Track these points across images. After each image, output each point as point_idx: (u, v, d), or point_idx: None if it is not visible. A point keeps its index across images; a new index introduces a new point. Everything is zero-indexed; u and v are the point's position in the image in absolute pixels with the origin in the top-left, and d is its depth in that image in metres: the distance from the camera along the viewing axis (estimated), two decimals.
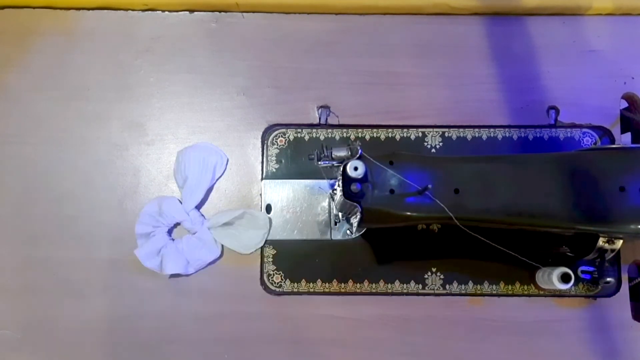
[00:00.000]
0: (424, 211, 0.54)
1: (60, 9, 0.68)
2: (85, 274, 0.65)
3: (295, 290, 0.65)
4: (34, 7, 0.68)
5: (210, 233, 0.64)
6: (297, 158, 0.66)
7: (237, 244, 0.64)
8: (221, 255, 0.65)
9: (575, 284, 0.62)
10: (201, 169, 0.64)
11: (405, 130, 0.67)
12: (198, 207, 0.65)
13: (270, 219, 0.65)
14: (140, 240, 0.64)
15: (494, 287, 0.65)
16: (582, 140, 0.66)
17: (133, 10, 0.69)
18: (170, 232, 0.66)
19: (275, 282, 0.65)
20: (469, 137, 0.67)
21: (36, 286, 0.65)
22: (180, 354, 0.64)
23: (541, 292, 0.64)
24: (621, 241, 0.56)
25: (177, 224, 0.66)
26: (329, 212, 0.65)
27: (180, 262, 0.63)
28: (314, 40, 0.68)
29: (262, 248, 0.65)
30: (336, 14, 0.68)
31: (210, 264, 0.65)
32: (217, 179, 0.66)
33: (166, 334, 0.64)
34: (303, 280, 0.65)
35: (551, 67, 0.68)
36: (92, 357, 0.64)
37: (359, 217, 0.54)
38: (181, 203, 0.65)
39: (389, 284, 0.65)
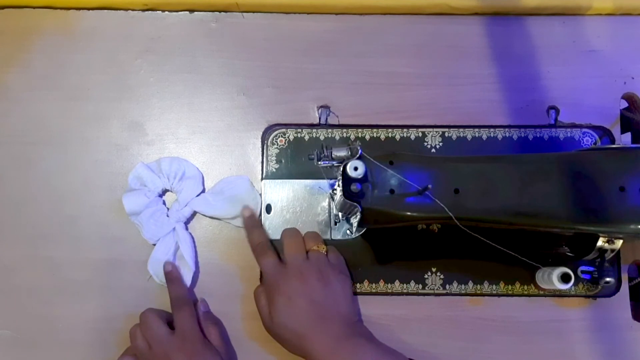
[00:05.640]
0: (424, 211, 0.54)
1: (60, 9, 0.68)
2: (85, 274, 0.65)
3: None
4: (34, 7, 0.68)
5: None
6: (297, 158, 0.66)
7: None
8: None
9: (575, 284, 0.62)
10: (226, 200, 0.64)
11: (405, 130, 0.67)
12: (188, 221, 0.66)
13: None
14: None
15: (494, 287, 0.65)
16: (582, 140, 0.66)
17: (133, 10, 0.68)
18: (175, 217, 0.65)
19: None
20: (469, 137, 0.67)
21: (36, 286, 0.65)
22: None
23: (541, 292, 0.64)
24: (621, 241, 0.56)
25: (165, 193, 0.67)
26: (329, 212, 0.65)
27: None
28: (314, 40, 0.68)
29: None
30: (336, 14, 0.68)
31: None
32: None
33: None
34: None
35: (551, 67, 0.68)
36: (91, 357, 0.64)
37: (359, 217, 0.54)
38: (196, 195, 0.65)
39: (389, 284, 0.65)
